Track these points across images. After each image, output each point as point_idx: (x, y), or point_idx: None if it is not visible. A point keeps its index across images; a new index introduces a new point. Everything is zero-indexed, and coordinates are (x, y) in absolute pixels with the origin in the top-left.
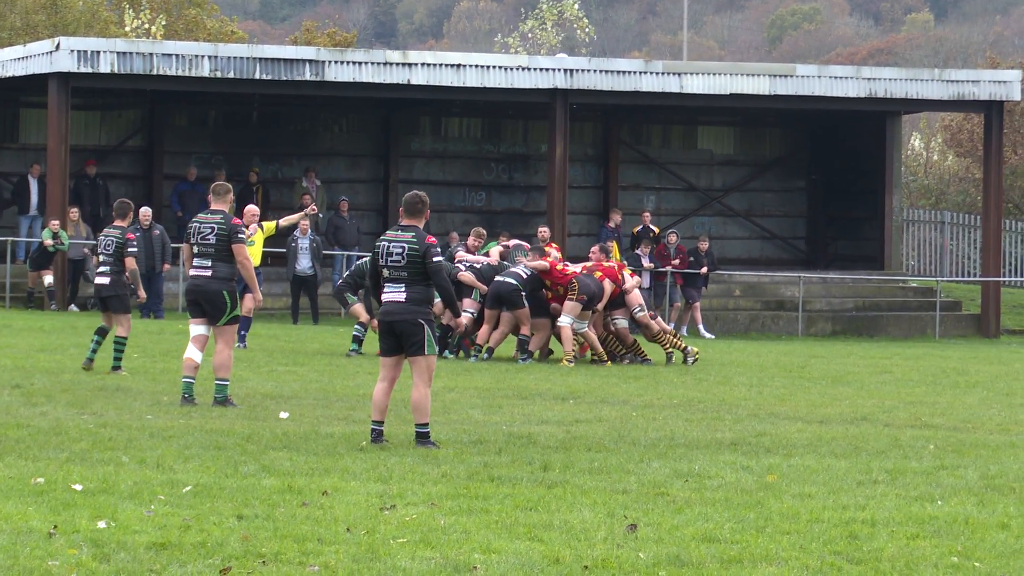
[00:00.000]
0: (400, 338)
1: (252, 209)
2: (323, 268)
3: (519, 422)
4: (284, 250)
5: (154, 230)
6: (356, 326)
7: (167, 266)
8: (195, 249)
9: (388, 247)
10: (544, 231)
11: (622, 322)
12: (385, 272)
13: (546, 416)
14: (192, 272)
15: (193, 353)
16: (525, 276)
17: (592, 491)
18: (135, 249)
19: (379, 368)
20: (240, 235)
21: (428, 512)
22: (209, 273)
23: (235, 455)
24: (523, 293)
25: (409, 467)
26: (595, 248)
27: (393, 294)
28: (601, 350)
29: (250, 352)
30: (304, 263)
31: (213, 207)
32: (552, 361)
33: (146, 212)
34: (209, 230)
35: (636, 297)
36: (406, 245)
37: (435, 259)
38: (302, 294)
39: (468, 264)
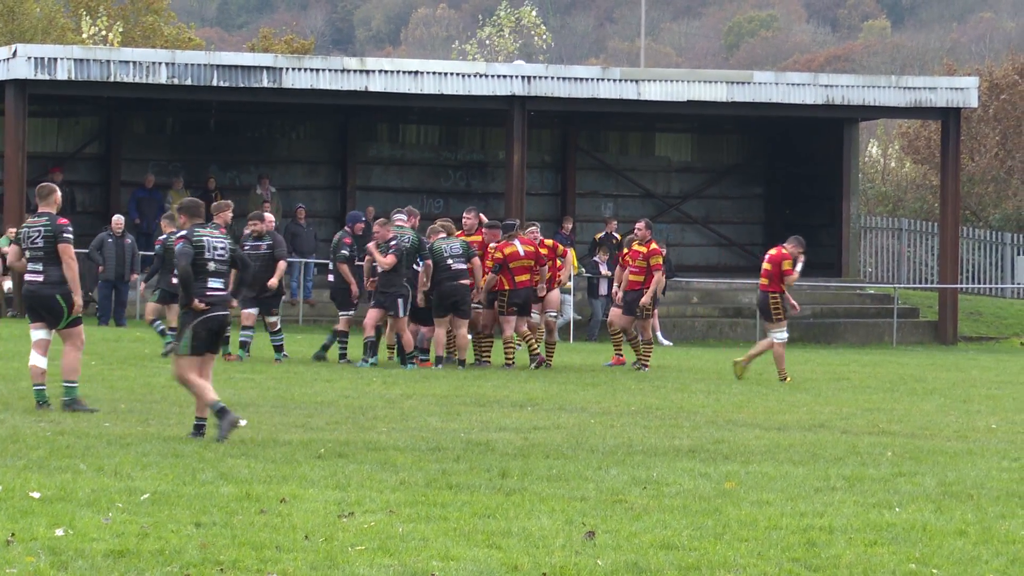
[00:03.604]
0: (220, 333)
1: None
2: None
3: (477, 429)
4: None
5: (126, 239)
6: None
7: (135, 276)
8: (27, 255)
9: (212, 243)
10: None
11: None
12: (212, 266)
13: (504, 423)
14: (27, 277)
15: (37, 360)
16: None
17: (550, 498)
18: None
19: (192, 366)
20: (66, 235)
21: (386, 519)
22: (41, 278)
23: (193, 462)
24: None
25: (367, 474)
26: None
27: (222, 291)
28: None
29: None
30: None
31: (40, 210)
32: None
33: (119, 220)
34: (36, 234)
35: (556, 299)
36: (227, 241)
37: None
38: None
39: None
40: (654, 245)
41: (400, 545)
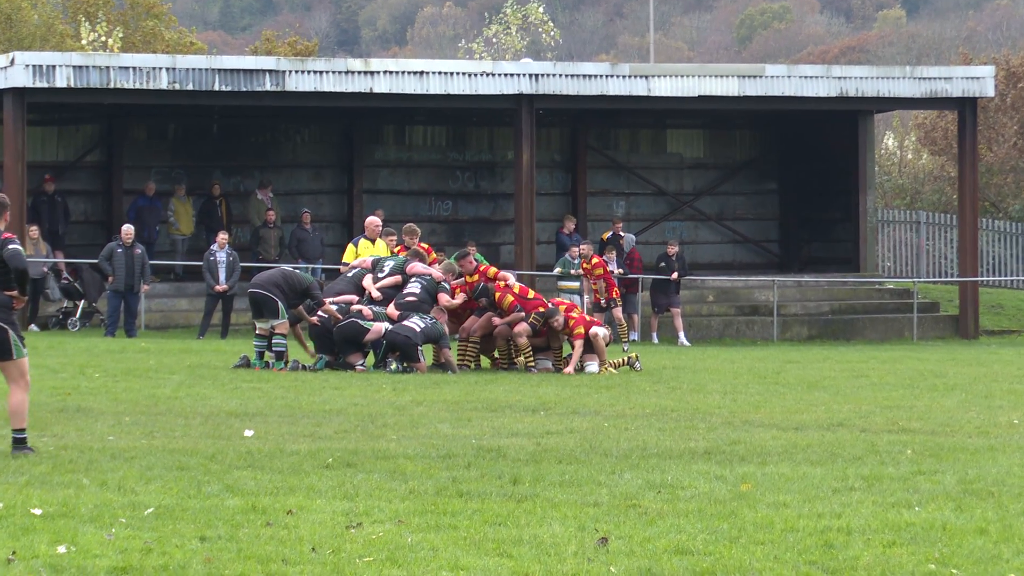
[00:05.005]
0: None
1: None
2: (239, 283)
3: (488, 435)
4: (200, 263)
5: (135, 248)
6: (278, 339)
7: (146, 287)
8: None
9: None
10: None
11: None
12: None
13: (516, 428)
14: None
15: None
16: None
17: (562, 504)
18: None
19: None
20: (11, 246)
21: (395, 529)
22: None
23: (198, 475)
24: (419, 347)
25: (376, 484)
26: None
27: None
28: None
29: (213, 370)
30: (221, 278)
31: None
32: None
33: (128, 230)
34: None
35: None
36: None
37: (10, 246)
38: (217, 309)
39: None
40: (595, 260)
41: (409, 555)
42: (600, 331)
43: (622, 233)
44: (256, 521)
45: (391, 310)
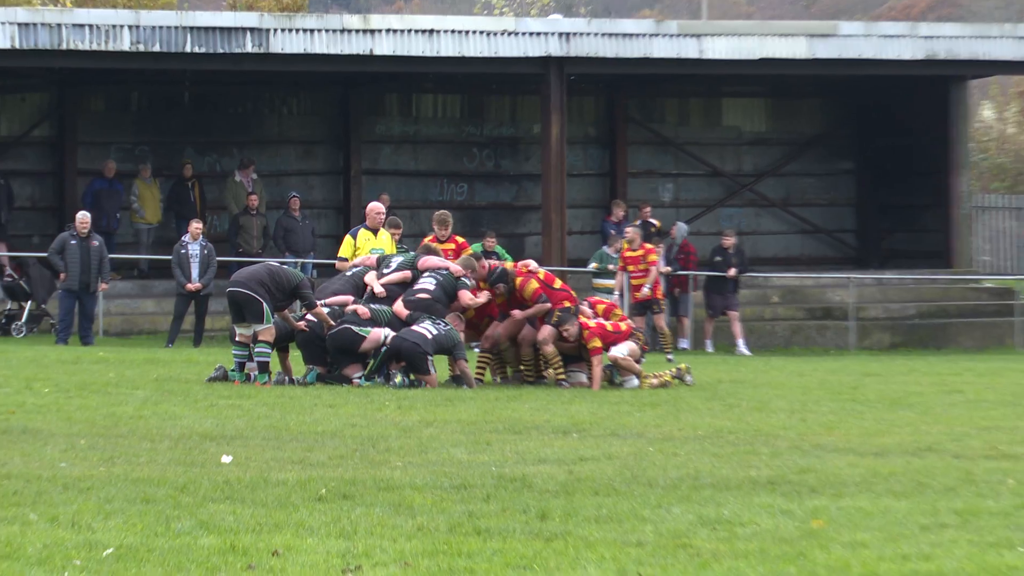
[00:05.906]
0: None
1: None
2: (215, 281)
3: (511, 462)
4: (169, 257)
5: (92, 240)
6: (261, 347)
7: (104, 285)
8: None
9: None
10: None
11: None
12: None
13: (544, 454)
14: None
15: None
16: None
17: (599, 544)
18: None
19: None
20: None
21: (400, 573)
22: None
23: (167, 509)
24: (429, 357)
25: (377, 519)
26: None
27: None
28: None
29: (184, 384)
30: (193, 275)
31: None
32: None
33: (83, 218)
34: None
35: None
36: None
37: None
38: (189, 311)
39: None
40: (648, 245)
41: None
42: (619, 352)
43: (652, 220)
44: (235, 564)
45: (398, 307)
